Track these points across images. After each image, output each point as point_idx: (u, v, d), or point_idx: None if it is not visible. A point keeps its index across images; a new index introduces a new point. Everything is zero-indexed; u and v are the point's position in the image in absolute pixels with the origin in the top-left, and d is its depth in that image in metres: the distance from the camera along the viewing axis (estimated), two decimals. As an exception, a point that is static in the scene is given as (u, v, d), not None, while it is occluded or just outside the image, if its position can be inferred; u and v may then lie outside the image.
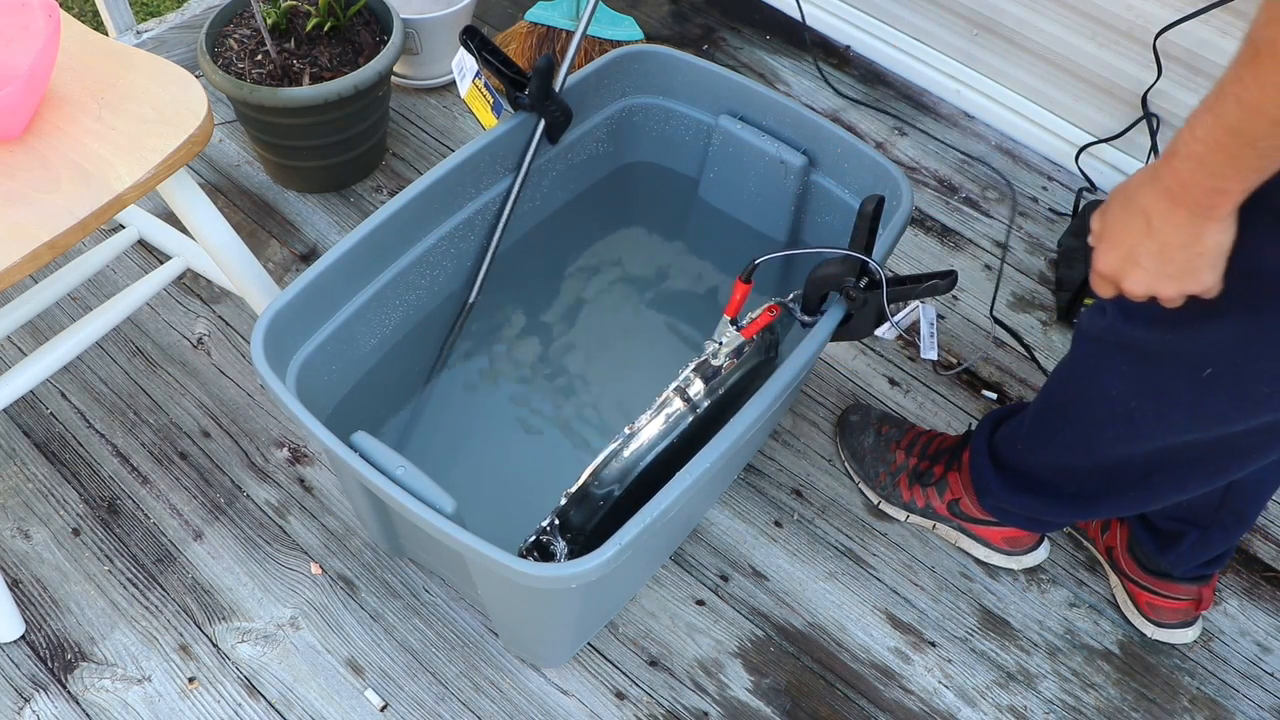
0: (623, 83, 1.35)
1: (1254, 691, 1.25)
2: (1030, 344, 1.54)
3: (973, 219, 1.70)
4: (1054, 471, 1.14)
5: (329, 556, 1.28)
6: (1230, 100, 0.70)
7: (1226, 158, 0.73)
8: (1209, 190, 0.77)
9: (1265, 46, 0.65)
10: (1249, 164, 0.73)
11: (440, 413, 1.32)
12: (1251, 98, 0.68)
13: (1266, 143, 0.70)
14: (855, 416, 1.41)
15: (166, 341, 1.46)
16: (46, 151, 1.03)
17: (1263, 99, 0.68)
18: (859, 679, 1.23)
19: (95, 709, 1.16)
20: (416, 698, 1.18)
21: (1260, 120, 0.69)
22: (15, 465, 1.34)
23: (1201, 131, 0.74)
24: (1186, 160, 0.76)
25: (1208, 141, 0.73)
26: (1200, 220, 0.80)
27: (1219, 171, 0.75)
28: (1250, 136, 0.71)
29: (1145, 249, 0.85)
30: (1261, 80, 0.67)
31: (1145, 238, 0.84)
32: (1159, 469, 1.04)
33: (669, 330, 1.44)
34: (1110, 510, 1.18)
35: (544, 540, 1.01)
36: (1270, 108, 0.68)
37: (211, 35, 1.51)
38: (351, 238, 1.09)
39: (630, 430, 1.02)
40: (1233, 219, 0.81)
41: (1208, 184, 0.77)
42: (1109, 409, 1.01)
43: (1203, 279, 0.85)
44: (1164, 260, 0.84)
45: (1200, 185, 0.77)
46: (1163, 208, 0.81)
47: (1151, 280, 0.86)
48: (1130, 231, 0.85)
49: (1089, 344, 1.01)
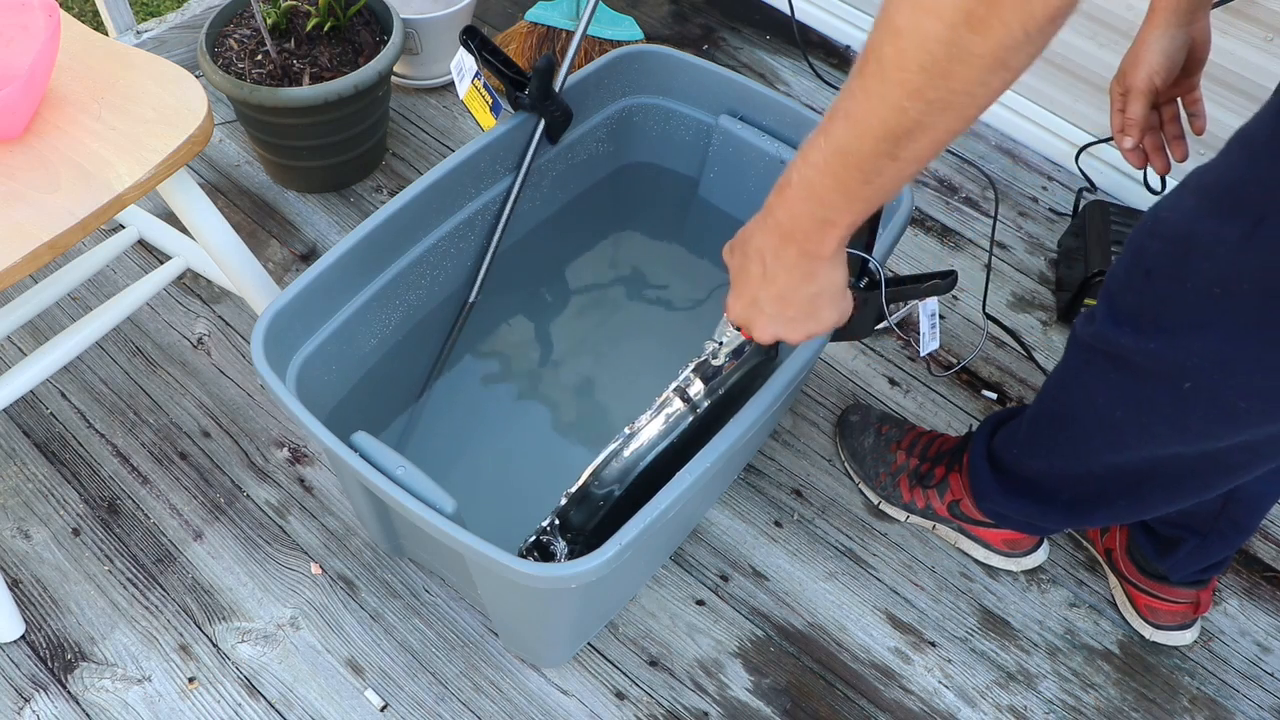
0: (623, 83, 1.35)
1: (1254, 691, 1.25)
2: (1030, 344, 1.54)
3: (973, 219, 1.70)
4: (1048, 478, 1.14)
5: (329, 556, 1.28)
6: (840, 117, 0.66)
7: (834, 182, 0.69)
8: (818, 221, 0.73)
9: (876, 57, 0.61)
10: (855, 190, 0.69)
11: (440, 412, 1.32)
12: (859, 111, 0.64)
13: (870, 164, 0.66)
14: (855, 416, 1.41)
15: (166, 341, 1.46)
16: (46, 151, 1.03)
17: (869, 114, 0.63)
18: (859, 679, 1.23)
19: (95, 709, 1.16)
20: (416, 698, 1.18)
21: (866, 138, 0.64)
22: (15, 465, 1.34)
23: (813, 154, 0.69)
24: (798, 189, 0.72)
25: (818, 165, 0.69)
26: (810, 260, 0.77)
27: (826, 199, 0.71)
28: (857, 157, 0.66)
29: (765, 294, 0.82)
30: (868, 91, 0.62)
31: (764, 283, 0.81)
32: (1148, 480, 1.04)
33: (669, 330, 1.44)
34: (1104, 520, 1.18)
35: (544, 540, 1.01)
36: (875, 122, 0.63)
37: (211, 35, 1.51)
38: (351, 238, 1.09)
39: (630, 430, 1.02)
40: (842, 256, 0.78)
41: (816, 213, 0.72)
42: (1096, 417, 1.01)
43: (824, 319, 0.83)
44: (784, 305, 0.82)
45: (808, 215, 0.73)
46: (774, 245, 0.77)
47: (775, 327, 0.84)
48: (750, 278, 0.82)
49: (1079, 351, 1.01)
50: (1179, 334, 0.87)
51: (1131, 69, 0.96)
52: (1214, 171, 0.82)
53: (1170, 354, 0.89)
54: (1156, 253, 0.87)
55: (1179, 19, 0.93)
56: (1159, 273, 0.87)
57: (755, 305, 0.83)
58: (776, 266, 0.79)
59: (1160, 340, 0.89)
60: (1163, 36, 0.93)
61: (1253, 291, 0.80)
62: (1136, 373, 0.93)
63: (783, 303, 0.82)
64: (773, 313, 0.83)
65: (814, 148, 0.69)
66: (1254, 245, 0.78)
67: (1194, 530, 1.16)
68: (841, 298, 0.82)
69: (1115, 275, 0.93)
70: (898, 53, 0.59)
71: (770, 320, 0.84)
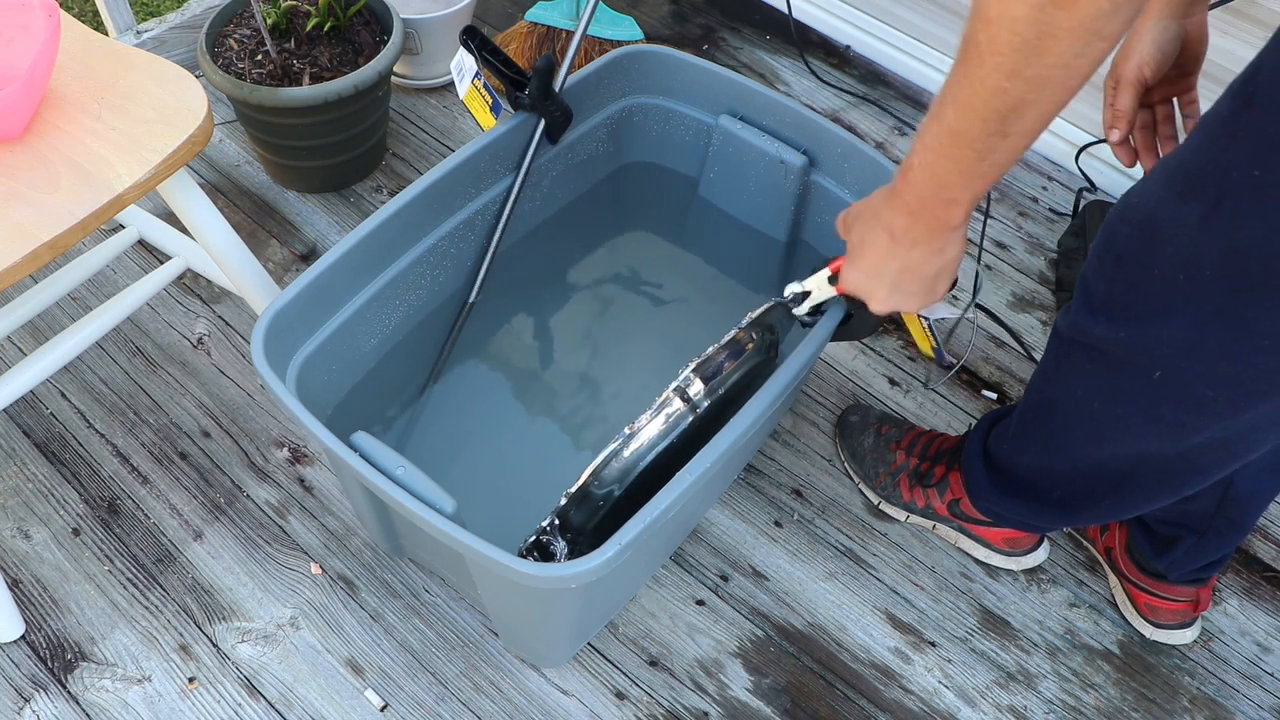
0: (623, 83, 1.35)
1: (1254, 691, 1.25)
2: (1030, 344, 1.54)
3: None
4: (1038, 475, 1.14)
5: (329, 556, 1.28)
6: (948, 103, 0.70)
7: (951, 163, 0.73)
8: (943, 201, 0.77)
9: (972, 44, 0.65)
10: (970, 168, 0.73)
11: (440, 412, 1.32)
12: (965, 97, 0.68)
13: (982, 143, 0.70)
14: (855, 417, 1.41)
15: (166, 341, 1.46)
16: (46, 151, 1.03)
17: (973, 97, 0.67)
18: (859, 679, 1.23)
19: (95, 709, 1.16)
20: (416, 698, 1.18)
21: (975, 120, 0.68)
22: (15, 465, 1.34)
23: (929, 139, 0.74)
24: (919, 171, 0.76)
25: (934, 148, 0.73)
26: (940, 234, 0.81)
27: (946, 179, 0.75)
28: (967, 138, 0.70)
29: (890, 266, 0.86)
30: (971, 77, 0.66)
31: (889, 255, 0.85)
32: (1129, 478, 1.04)
33: (669, 330, 1.44)
34: (1093, 518, 1.19)
35: (544, 540, 1.01)
36: (979, 105, 0.67)
37: (211, 35, 1.51)
38: (351, 238, 1.09)
39: (630, 430, 1.02)
40: (965, 230, 0.82)
41: (940, 194, 0.77)
42: (1075, 409, 1.02)
43: (939, 290, 0.88)
44: (909, 277, 0.86)
45: (934, 196, 0.77)
46: (903, 224, 0.82)
47: (896, 298, 0.88)
48: (875, 249, 0.86)
49: (1059, 344, 1.02)
50: (1148, 321, 0.87)
51: (1122, 60, 0.96)
52: (1177, 155, 0.83)
53: (1140, 342, 0.89)
54: (1125, 238, 0.88)
55: (1173, 10, 0.93)
56: (1128, 258, 0.87)
57: (878, 276, 0.88)
58: (905, 241, 0.83)
59: (1130, 328, 0.89)
60: (1155, 27, 0.93)
61: (1215, 276, 0.80)
62: (1110, 363, 0.94)
63: (907, 274, 0.86)
64: (894, 283, 0.87)
65: (929, 132, 0.73)
66: (1214, 227, 0.78)
67: (1191, 529, 1.16)
68: (956, 271, 0.86)
69: (1090, 264, 0.94)
70: (990, 39, 0.63)
71: (891, 291, 0.88)
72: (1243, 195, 0.75)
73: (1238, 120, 0.74)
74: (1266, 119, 0.71)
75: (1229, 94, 0.76)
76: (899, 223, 0.82)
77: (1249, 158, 0.73)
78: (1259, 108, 0.72)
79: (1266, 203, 0.74)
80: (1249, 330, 0.81)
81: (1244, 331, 0.81)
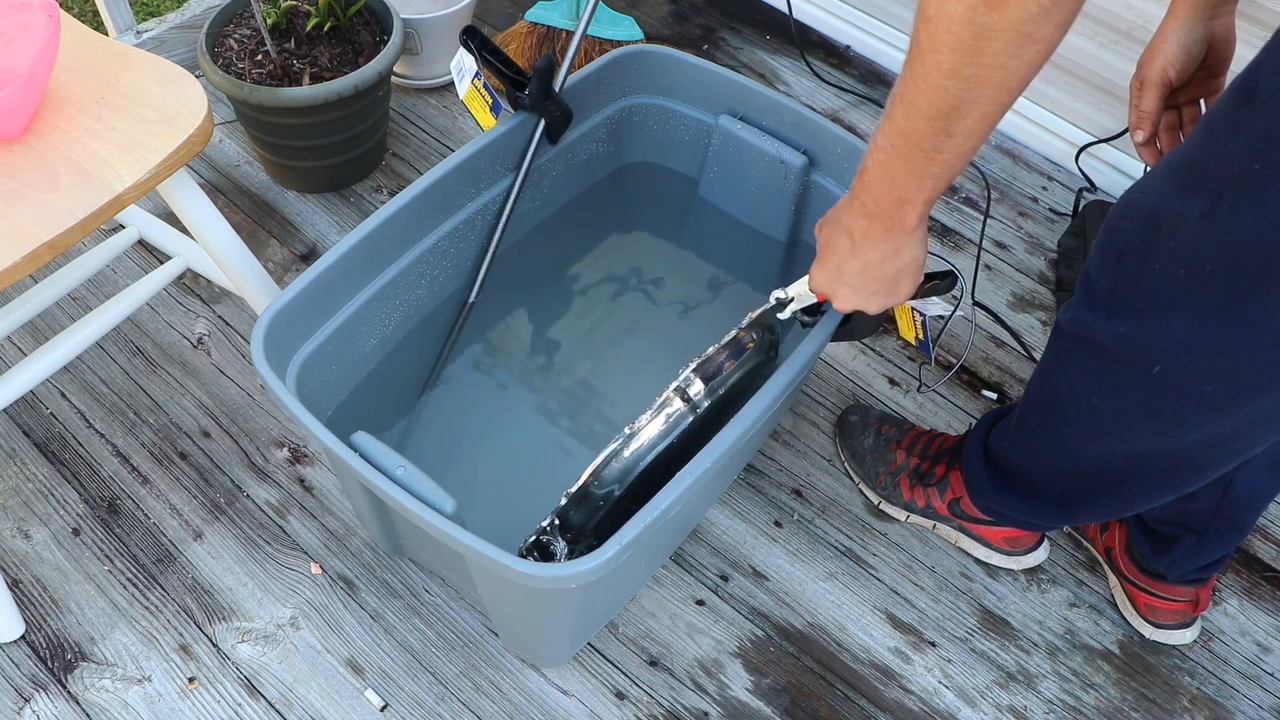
0: (623, 83, 1.35)
1: (1254, 691, 1.25)
2: (1030, 344, 1.54)
3: (973, 219, 1.70)
4: (1038, 472, 1.15)
5: (329, 556, 1.28)
6: (898, 102, 0.72)
7: (902, 163, 0.75)
8: (895, 201, 0.79)
9: (915, 43, 0.67)
10: (921, 168, 0.75)
11: (440, 413, 1.32)
12: (910, 95, 0.70)
13: (929, 142, 0.72)
14: (855, 416, 1.41)
15: (166, 341, 1.46)
16: (46, 151, 1.03)
17: (918, 95, 0.69)
18: (859, 679, 1.23)
19: (95, 709, 1.16)
20: (416, 698, 1.18)
21: (920, 119, 0.70)
22: (15, 465, 1.34)
23: (882, 139, 0.75)
24: (874, 172, 0.79)
25: (886, 149, 0.75)
26: (896, 235, 0.83)
27: (899, 179, 0.77)
28: (915, 137, 0.72)
29: (850, 267, 0.89)
30: (915, 76, 0.69)
31: (850, 256, 0.88)
32: (1128, 475, 1.04)
33: (669, 330, 1.44)
34: (1092, 516, 1.19)
35: (544, 540, 1.01)
36: (924, 104, 0.69)
37: (211, 35, 1.51)
38: (351, 238, 1.09)
39: (630, 430, 1.02)
40: (923, 232, 0.84)
41: (893, 194, 0.79)
42: (1075, 404, 1.02)
43: (902, 292, 0.90)
44: (868, 278, 0.89)
45: (887, 196, 0.79)
46: (862, 226, 0.84)
47: (857, 298, 0.91)
48: (837, 251, 0.89)
49: (1060, 340, 1.02)
50: (1148, 316, 0.88)
51: (1148, 61, 0.96)
52: (1179, 150, 0.83)
53: (1140, 337, 0.89)
54: (1128, 233, 0.88)
55: (1199, 12, 0.94)
56: (1130, 254, 0.88)
57: (840, 276, 0.90)
58: (864, 243, 0.85)
59: (1130, 323, 0.90)
60: (1180, 29, 0.94)
61: (1215, 271, 0.80)
62: (1110, 358, 0.94)
63: (866, 275, 0.88)
64: (855, 284, 0.90)
65: (882, 133, 0.75)
66: (1214, 223, 0.78)
67: (1190, 529, 1.16)
68: (920, 273, 0.88)
69: (1092, 259, 0.94)
70: (929, 37, 0.65)
71: (853, 291, 0.91)
72: (1243, 190, 0.75)
73: (1238, 116, 0.75)
74: (1266, 115, 0.72)
75: (1230, 90, 0.77)
76: (858, 225, 0.85)
77: (1249, 153, 0.74)
78: (1259, 104, 0.72)
79: (1267, 198, 0.74)
80: (1248, 325, 0.81)
81: (1243, 327, 0.81)
